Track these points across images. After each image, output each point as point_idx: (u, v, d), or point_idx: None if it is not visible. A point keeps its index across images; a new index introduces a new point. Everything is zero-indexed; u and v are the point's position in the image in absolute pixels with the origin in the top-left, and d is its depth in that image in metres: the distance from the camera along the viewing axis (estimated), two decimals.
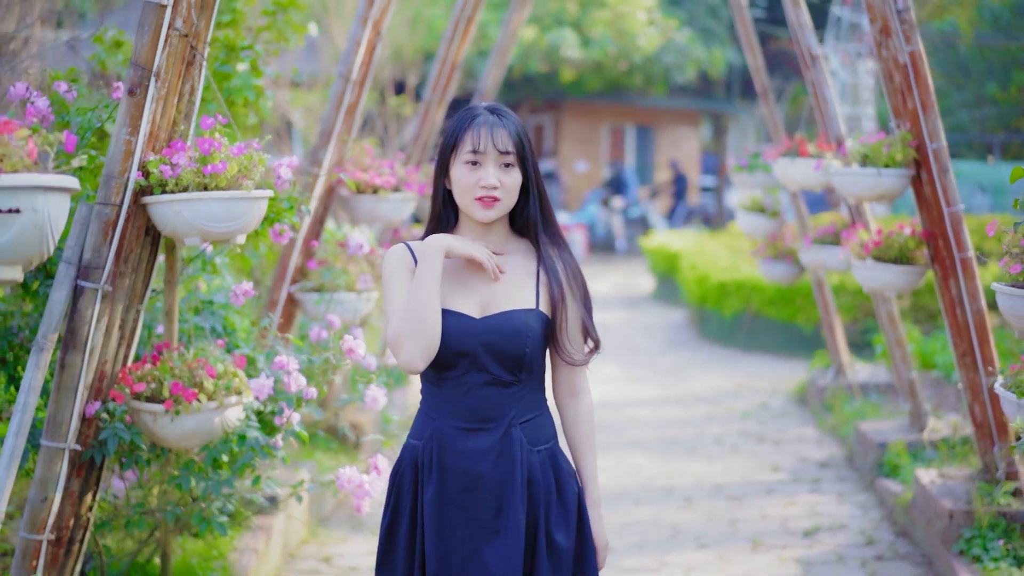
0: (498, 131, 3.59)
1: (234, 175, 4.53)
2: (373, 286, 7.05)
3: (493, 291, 3.65)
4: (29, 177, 2.85)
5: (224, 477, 4.89)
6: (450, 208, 3.72)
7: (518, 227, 3.76)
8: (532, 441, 3.66)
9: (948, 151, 6.76)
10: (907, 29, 6.73)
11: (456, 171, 3.61)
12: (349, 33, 7.40)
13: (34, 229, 2.92)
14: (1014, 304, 4.73)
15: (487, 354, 3.57)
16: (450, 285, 3.64)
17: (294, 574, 6.68)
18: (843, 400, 10.48)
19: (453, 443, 3.61)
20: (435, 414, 3.66)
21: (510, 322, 3.60)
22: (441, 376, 3.63)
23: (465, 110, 3.66)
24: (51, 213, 2.99)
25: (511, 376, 3.61)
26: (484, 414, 3.61)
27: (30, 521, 4.53)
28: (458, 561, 3.61)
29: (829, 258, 9.46)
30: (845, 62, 23.40)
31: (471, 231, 3.70)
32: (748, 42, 10.76)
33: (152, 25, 4.46)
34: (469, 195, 3.59)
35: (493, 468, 3.60)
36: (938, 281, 6.87)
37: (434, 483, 3.62)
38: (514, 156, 3.60)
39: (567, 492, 3.71)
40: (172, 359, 4.80)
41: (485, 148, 3.57)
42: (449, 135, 3.65)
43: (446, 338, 3.55)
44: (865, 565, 6.98)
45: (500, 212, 3.63)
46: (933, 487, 7.07)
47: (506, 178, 3.60)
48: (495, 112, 3.64)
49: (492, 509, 3.61)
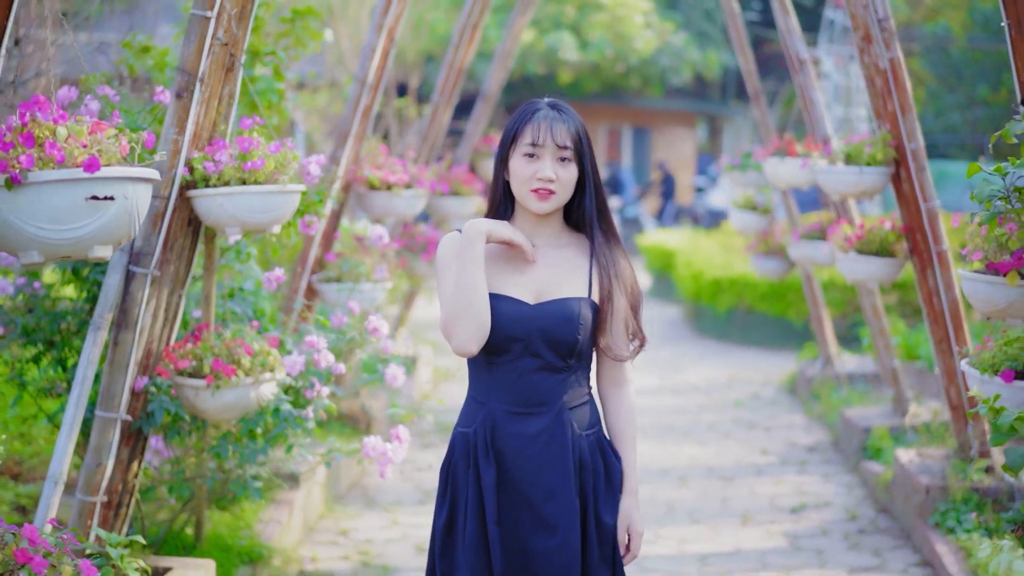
0: (557, 126, 3.64)
1: (271, 171, 5.01)
2: (388, 276, 7.55)
3: (547, 279, 3.70)
4: (122, 169, 3.32)
5: (259, 447, 5.37)
6: (508, 199, 3.78)
7: (573, 221, 3.81)
8: (581, 426, 3.73)
9: (931, 149, 7.25)
10: (887, 37, 7.21)
11: (515, 162, 3.67)
12: (365, 39, 7.88)
13: (125, 214, 3.39)
14: (975, 288, 5.20)
15: (541, 340, 3.64)
16: (504, 272, 3.70)
17: (314, 545, 7.16)
18: (830, 389, 10.96)
19: (505, 426, 3.67)
20: (485, 399, 3.71)
21: (564, 309, 3.66)
22: (492, 361, 3.68)
23: (527, 104, 3.74)
24: (138, 201, 3.46)
25: (562, 362, 3.67)
26: (535, 399, 3.67)
27: (85, 484, 5.01)
28: (517, 547, 3.66)
29: (816, 252, 9.94)
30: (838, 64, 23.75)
31: (526, 222, 3.76)
32: (740, 46, 11.25)
33: (197, 35, 4.94)
34: (526, 186, 3.65)
35: (544, 451, 3.65)
36: (916, 272, 7.35)
37: (492, 466, 3.67)
38: (571, 151, 3.66)
39: (614, 475, 3.78)
40: (211, 339, 5.28)
41: (544, 141, 3.63)
42: (509, 127, 3.71)
43: (501, 323, 3.62)
44: (848, 538, 7.46)
45: (555, 205, 3.69)
46: (912, 465, 7.55)
47: (563, 172, 3.65)
48: (555, 107, 3.71)
49: (543, 493, 3.66)
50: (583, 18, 27.89)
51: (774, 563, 7.00)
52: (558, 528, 3.65)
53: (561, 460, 3.66)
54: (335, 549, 7.12)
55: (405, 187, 8.21)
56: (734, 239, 18.78)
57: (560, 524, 3.65)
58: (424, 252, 9.80)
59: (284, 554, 6.69)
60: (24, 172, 3.15)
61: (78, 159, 3.22)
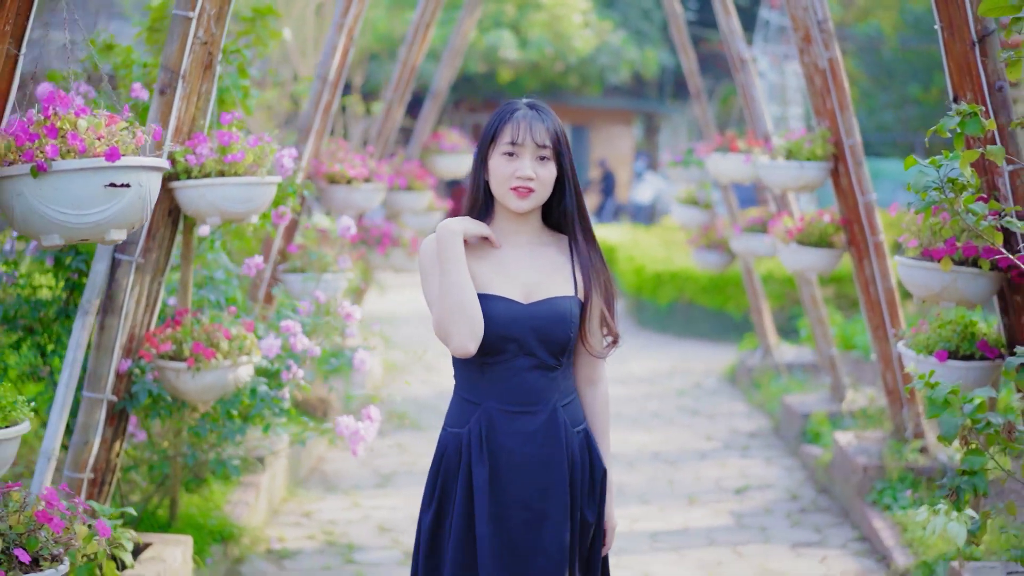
0: (536, 125, 3.70)
1: (250, 163, 5.28)
2: (351, 266, 7.84)
3: (534, 278, 3.75)
4: (138, 159, 3.59)
5: (237, 427, 5.64)
6: (487, 199, 3.81)
7: (553, 221, 3.85)
8: (572, 422, 3.78)
9: (864, 147, 7.63)
10: (826, 38, 7.58)
11: (494, 161, 3.72)
12: (326, 38, 8.15)
13: (139, 200, 3.66)
14: (912, 274, 5.57)
15: (535, 339, 3.68)
16: (492, 271, 3.74)
17: (280, 526, 7.42)
18: (770, 378, 11.34)
19: (500, 426, 3.70)
20: (478, 399, 3.73)
21: (557, 308, 3.71)
22: (486, 361, 3.70)
23: (505, 104, 3.79)
24: (150, 188, 3.73)
25: (555, 360, 3.72)
26: (530, 397, 3.70)
27: (73, 462, 5.26)
28: (513, 545, 3.69)
29: (758, 245, 10.31)
30: (773, 63, 24.13)
31: (506, 221, 3.80)
32: (683, 47, 11.60)
33: (180, 35, 5.19)
34: (505, 185, 3.70)
35: (540, 449, 3.69)
36: (854, 262, 7.73)
37: (486, 466, 3.68)
38: (550, 150, 3.71)
39: (597, 472, 3.82)
40: (190, 324, 5.54)
41: (523, 140, 3.68)
42: (489, 127, 3.75)
43: (495, 323, 3.65)
44: (790, 516, 7.82)
45: (534, 203, 3.73)
46: (850, 447, 7.92)
47: (542, 171, 3.70)
48: (534, 108, 3.75)
49: (537, 490, 3.69)
50: (523, 17, 28.15)
51: (721, 540, 7.34)
52: (551, 524, 3.69)
53: (557, 457, 3.70)
54: (300, 529, 7.38)
55: (364, 181, 8.50)
56: (675, 234, 19.19)
57: (552, 520, 3.70)
58: (379, 245, 10.08)
59: (252, 534, 6.95)
60: (49, 161, 3.42)
61: (97, 149, 3.49)
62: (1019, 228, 4.47)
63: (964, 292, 5.48)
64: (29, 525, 3.56)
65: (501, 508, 3.68)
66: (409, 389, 11.02)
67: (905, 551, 6.61)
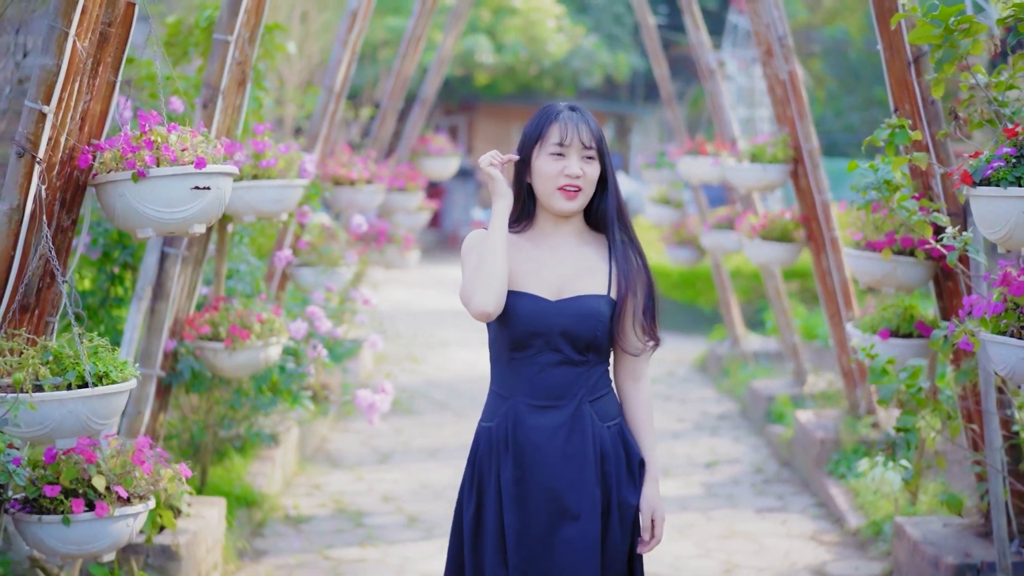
0: (582, 126, 3.75)
1: (281, 168, 6.05)
2: (357, 261, 8.62)
3: (568, 276, 3.80)
4: (216, 166, 4.35)
5: (268, 399, 6.41)
6: (530, 201, 3.87)
7: (594, 222, 3.89)
8: (602, 417, 3.80)
9: (831, 147, 8.43)
10: (786, 52, 8.39)
11: (540, 162, 3.76)
12: (332, 53, 8.91)
13: (216, 201, 4.41)
14: (857, 263, 6.38)
15: (560, 335, 3.73)
16: (526, 270, 3.79)
17: (294, 495, 8.18)
18: (738, 366, 12.15)
19: (526, 420, 3.75)
20: (507, 393, 3.80)
21: (583, 306, 3.74)
22: (514, 356, 3.77)
23: (546, 106, 3.82)
24: (225, 190, 4.48)
25: (581, 356, 3.75)
26: (556, 392, 3.75)
27: (127, 431, 6.01)
28: (538, 536, 3.74)
29: (726, 241, 11.08)
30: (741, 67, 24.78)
31: (548, 224, 3.86)
32: (655, 56, 12.36)
33: (219, 56, 5.93)
34: (552, 184, 3.75)
35: (565, 443, 3.74)
36: (812, 255, 8.56)
37: (510, 460, 3.76)
38: (595, 151, 3.77)
39: (634, 461, 3.84)
40: (224, 309, 6.30)
41: (570, 141, 3.73)
42: (533, 129, 3.80)
43: (522, 319, 3.72)
44: (755, 487, 8.63)
45: (580, 203, 3.78)
46: (809, 424, 8.73)
47: (588, 169, 3.75)
48: (575, 109, 3.80)
49: (564, 484, 3.74)
50: (498, 22, 28.70)
51: (693, 506, 8.14)
52: (579, 518, 3.73)
53: (582, 451, 3.74)
54: (312, 499, 8.15)
55: (366, 183, 9.30)
56: (647, 232, 19.94)
57: (581, 514, 3.73)
58: (375, 242, 10.85)
59: (270, 501, 7.71)
60: (147, 168, 4.19)
61: (185, 159, 4.26)
62: (945, 222, 5.24)
63: (903, 279, 6.24)
64: (125, 467, 4.32)
65: (527, 500, 3.74)
66: (399, 378, 11.75)
67: (857, 513, 7.44)
